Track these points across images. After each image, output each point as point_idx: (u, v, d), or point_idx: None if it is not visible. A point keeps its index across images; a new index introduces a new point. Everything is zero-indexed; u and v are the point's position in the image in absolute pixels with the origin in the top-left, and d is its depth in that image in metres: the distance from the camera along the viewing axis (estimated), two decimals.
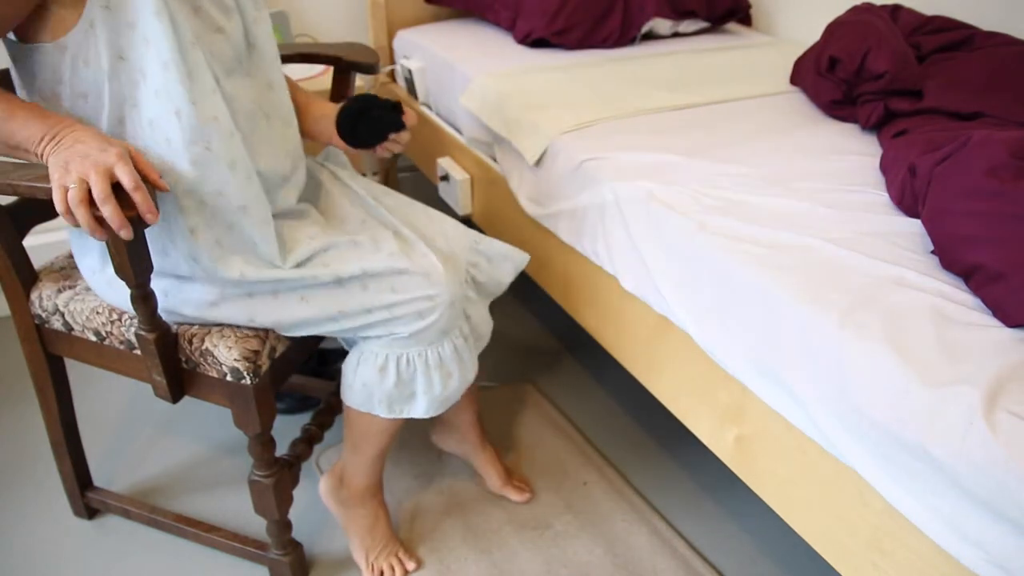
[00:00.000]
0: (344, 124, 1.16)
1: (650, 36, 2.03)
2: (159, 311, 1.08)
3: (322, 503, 1.49)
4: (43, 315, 1.21)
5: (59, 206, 0.87)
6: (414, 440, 1.63)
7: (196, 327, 1.12)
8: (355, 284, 1.10)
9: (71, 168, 0.88)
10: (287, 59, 1.48)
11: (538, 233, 1.54)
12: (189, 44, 0.98)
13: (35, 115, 0.93)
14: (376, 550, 1.35)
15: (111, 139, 0.93)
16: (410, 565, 1.36)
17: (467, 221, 1.88)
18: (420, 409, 1.20)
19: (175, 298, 1.10)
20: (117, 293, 1.13)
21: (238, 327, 1.12)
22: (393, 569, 1.35)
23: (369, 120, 1.14)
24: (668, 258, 1.18)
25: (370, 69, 1.46)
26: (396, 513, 1.47)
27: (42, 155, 0.92)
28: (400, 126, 1.16)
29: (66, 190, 0.87)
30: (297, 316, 1.10)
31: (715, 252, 1.10)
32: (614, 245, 1.30)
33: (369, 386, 1.17)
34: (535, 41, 1.92)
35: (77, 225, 0.89)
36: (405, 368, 1.16)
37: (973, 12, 1.69)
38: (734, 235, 1.12)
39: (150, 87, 0.97)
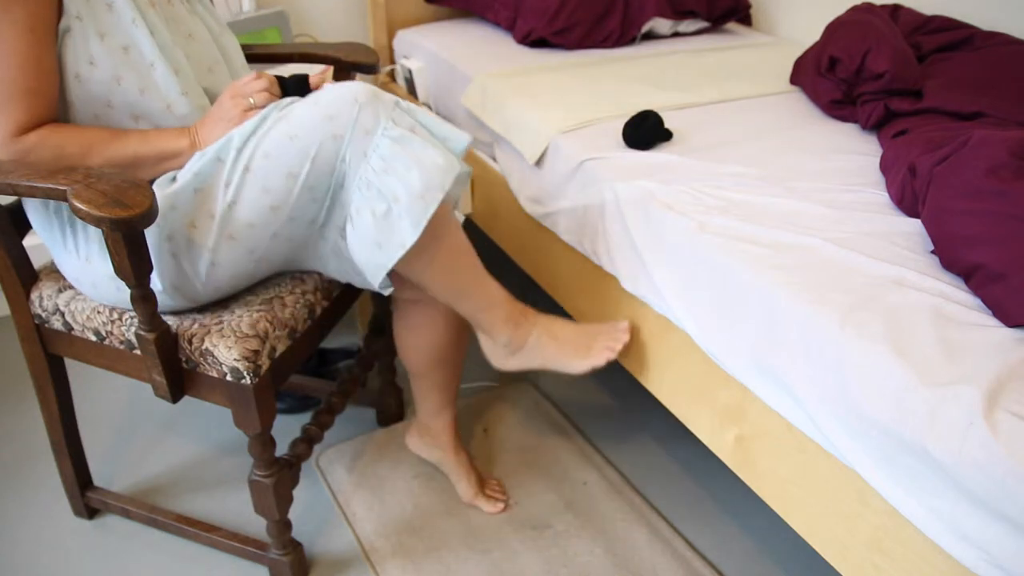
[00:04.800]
0: (630, 128, 1.38)
1: (650, 36, 2.03)
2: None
3: (322, 503, 1.49)
4: (43, 315, 1.20)
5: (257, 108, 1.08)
6: None
7: (196, 327, 1.12)
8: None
9: (232, 115, 1.08)
10: (287, 59, 1.49)
11: (538, 233, 1.54)
12: (170, 45, 1.09)
13: (155, 130, 1.10)
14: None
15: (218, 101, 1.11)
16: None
17: (467, 221, 1.88)
18: (407, 229, 1.03)
19: None
20: (102, 292, 1.14)
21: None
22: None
23: (648, 128, 1.37)
24: (668, 258, 1.18)
25: (370, 69, 1.46)
26: (396, 514, 1.47)
27: (194, 144, 1.09)
28: (668, 136, 1.40)
29: (248, 111, 1.08)
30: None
31: (715, 252, 1.10)
32: (614, 245, 1.30)
33: (362, 250, 1.07)
34: (535, 41, 1.92)
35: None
36: (364, 196, 1.05)
37: (973, 12, 1.69)
38: (734, 235, 1.12)
39: (132, 87, 1.07)
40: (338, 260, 1.18)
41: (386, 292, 1.15)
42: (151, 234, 1.05)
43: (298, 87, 1.14)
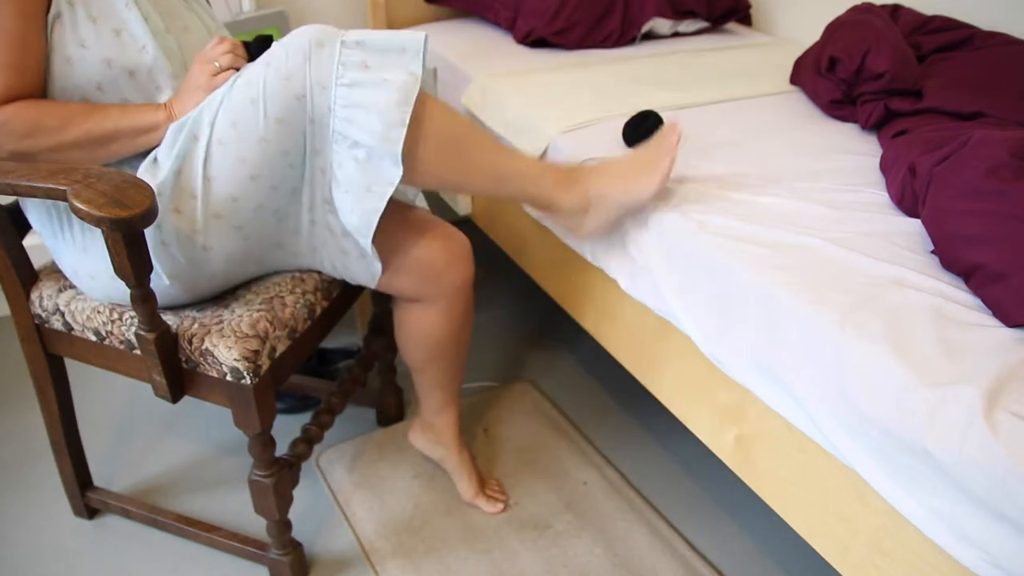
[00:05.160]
0: (630, 127, 1.38)
1: (650, 36, 2.03)
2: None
3: (322, 503, 1.49)
4: (43, 315, 1.20)
5: (215, 75, 1.08)
6: None
7: (196, 327, 1.12)
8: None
9: (200, 82, 1.08)
10: None
11: (538, 233, 1.54)
12: (163, 32, 1.12)
13: (132, 105, 1.10)
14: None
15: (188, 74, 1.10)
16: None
17: (467, 221, 1.88)
18: (390, 167, 1.04)
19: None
20: (100, 284, 1.14)
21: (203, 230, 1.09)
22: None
23: (648, 128, 1.36)
24: (668, 259, 1.18)
25: None
26: (396, 514, 1.47)
27: (170, 117, 1.09)
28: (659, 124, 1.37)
29: (216, 75, 1.08)
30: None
31: (715, 252, 1.10)
32: (613, 246, 1.30)
33: (354, 201, 1.07)
34: (535, 41, 1.92)
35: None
36: (341, 148, 1.05)
37: (973, 12, 1.69)
38: (734, 235, 1.12)
39: (122, 69, 1.09)
40: (329, 249, 1.18)
41: (374, 281, 1.17)
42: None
43: (262, 48, 1.12)
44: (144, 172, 1.07)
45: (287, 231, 1.15)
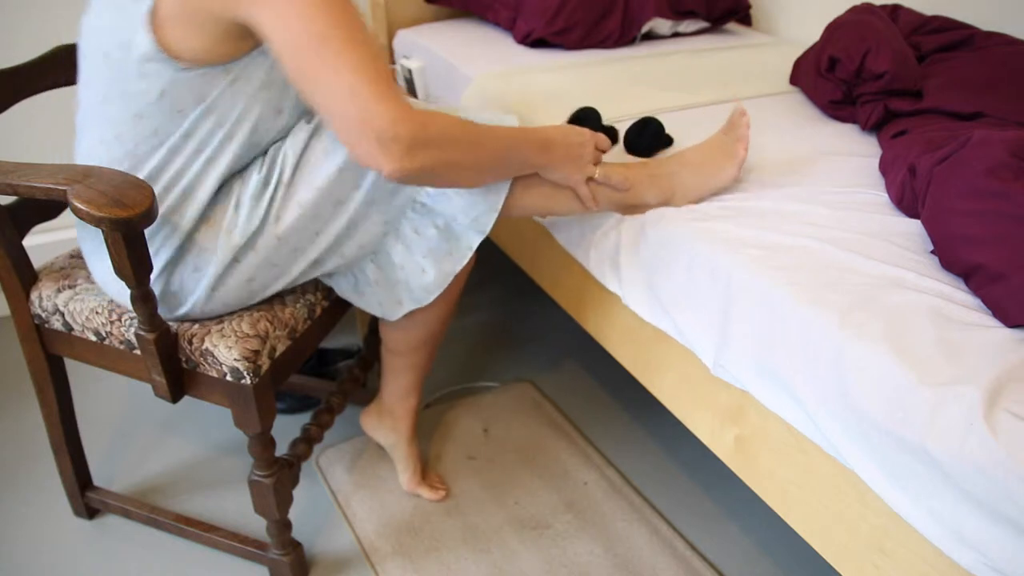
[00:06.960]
0: (632, 135, 1.39)
1: (650, 36, 2.03)
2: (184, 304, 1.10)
3: (322, 503, 1.49)
4: (43, 315, 1.21)
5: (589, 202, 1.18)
6: None
7: (196, 327, 1.12)
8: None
9: (577, 166, 1.14)
10: None
11: (539, 234, 1.54)
12: None
13: (518, 129, 1.10)
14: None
15: (558, 140, 1.13)
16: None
17: None
18: (474, 236, 1.15)
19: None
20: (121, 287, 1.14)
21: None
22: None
23: (649, 135, 1.38)
24: (666, 261, 1.18)
25: None
26: (396, 514, 1.47)
27: (550, 161, 1.12)
28: (669, 142, 1.41)
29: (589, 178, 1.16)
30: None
31: (714, 254, 1.10)
32: (607, 251, 1.30)
33: (432, 269, 1.15)
34: (535, 41, 1.92)
35: None
36: (420, 216, 1.12)
37: (973, 12, 1.69)
38: (733, 237, 1.12)
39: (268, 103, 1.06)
40: (342, 286, 1.22)
41: (390, 317, 1.21)
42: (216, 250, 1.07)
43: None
44: (230, 217, 1.07)
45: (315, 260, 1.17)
